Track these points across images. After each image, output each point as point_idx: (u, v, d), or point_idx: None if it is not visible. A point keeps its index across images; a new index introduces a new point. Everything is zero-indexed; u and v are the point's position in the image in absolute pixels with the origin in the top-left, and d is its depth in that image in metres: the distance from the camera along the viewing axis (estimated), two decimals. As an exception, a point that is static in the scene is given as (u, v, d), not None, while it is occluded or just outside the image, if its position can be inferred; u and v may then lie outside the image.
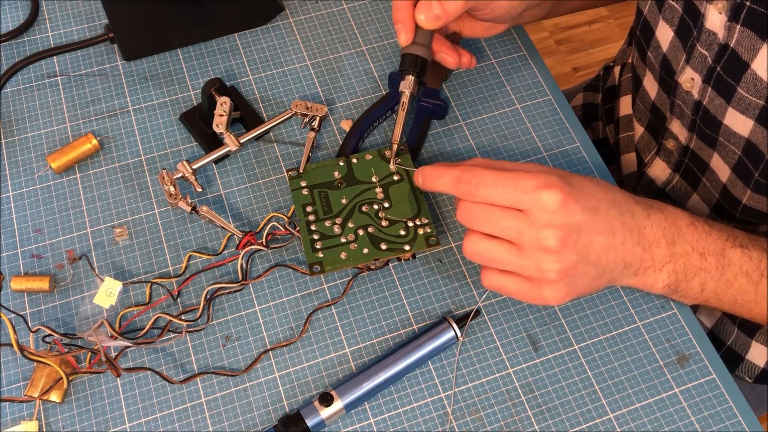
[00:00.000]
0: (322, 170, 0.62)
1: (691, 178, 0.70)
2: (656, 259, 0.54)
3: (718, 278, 0.55)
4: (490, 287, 0.54)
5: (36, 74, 0.70)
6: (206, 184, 0.65)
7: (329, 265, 0.58)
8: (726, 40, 0.56)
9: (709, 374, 0.57)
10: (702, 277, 0.55)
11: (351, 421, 0.55)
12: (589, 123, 0.89)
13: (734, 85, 0.57)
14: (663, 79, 0.67)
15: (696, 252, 0.54)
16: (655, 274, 0.54)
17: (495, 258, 0.51)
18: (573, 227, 0.50)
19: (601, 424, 0.55)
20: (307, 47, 0.73)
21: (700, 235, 0.55)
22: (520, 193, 0.49)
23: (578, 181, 0.52)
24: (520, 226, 0.50)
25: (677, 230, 0.54)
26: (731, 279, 0.55)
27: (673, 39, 0.63)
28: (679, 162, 0.70)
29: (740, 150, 0.60)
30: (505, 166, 0.52)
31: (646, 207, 0.54)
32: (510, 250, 0.51)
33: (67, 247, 0.61)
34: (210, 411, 0.55)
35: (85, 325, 0.58)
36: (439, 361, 0.57)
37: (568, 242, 0.50)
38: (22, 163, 0.65)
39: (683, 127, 0.67)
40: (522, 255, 0.50)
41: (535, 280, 0.51)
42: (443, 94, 0.70)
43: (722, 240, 0.55)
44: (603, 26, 1.80)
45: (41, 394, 0.54)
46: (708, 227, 0.55)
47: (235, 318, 0.59)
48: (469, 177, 0.51)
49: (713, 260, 0.54)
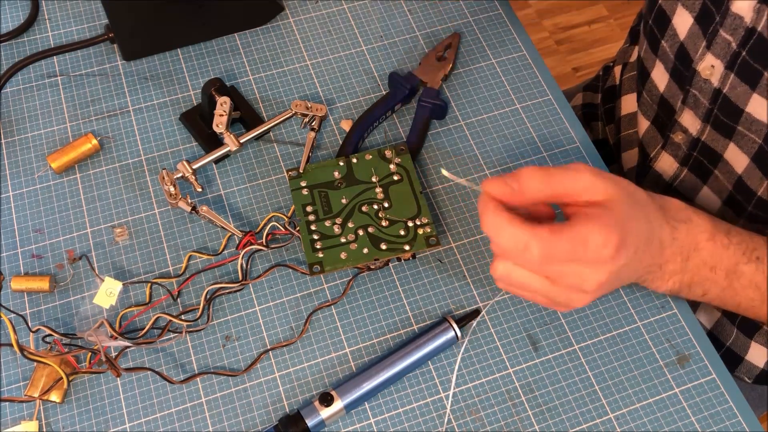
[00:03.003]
0: (322, 170, 0.62)
1: (701, 171, 0.69)
2: (666, 272, 0.54)
3: (725, 287, 0.55)
4: (505, 289, 0.54)
5: (36, 74, 0.70)
6: (206, 184, 0.65)
7: (329, 265, 0.58)
8: (754, 23, 0.55)
9: (709, 374, 0.57)
10: (707, 286, 0.55)
11: (351, 421, 0.55)
12: (589, 123, 0.89)
13: (761, 70, 0.56)
14: (676, 70, 0.66)
15: (707, 266, 0.54)
16: (662, 282, 0.55)
17: (527, 286, 0.50)
18: (614, 272, 0.49)
19: (601, 424, 0.55)
20: (307, 47, 0.73)
21: (716, 249, 0.54)
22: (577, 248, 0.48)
23: (627, 212, 0.50)
24: (566, 269, 0.49)
25: (695, 246, 0.54)
26: (738, 290, 0.55)
27: (692, 26, 0.62)
28: (688, 156, 0.69)
29: (761, 138, 0.59)
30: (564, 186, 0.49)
31: (673, 225, 0.53)
32: (544, 283, 0.50)
33: (67, 247, 0.61)
34: (210, 411, 0.55)
35: (85, 325, 0.58)
36: (439, 361, 0.57)
37: (605, 283, 0.50)
38: (22, 163, 0.65)
39: (696, 119, 0.66)
40: (555, 287, 0.50)
41: (557, 305, 0.52)
42: (443, 94, 0.70)
43: (738, 254, 0.55)
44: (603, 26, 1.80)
45: (41, 394, 0.54)
46: (727, 240, 0.55)
47: (235, 318, 0.59)
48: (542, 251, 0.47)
49: (722, 274, 0.55)
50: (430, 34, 0.73)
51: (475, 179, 0.65)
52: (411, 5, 0.75)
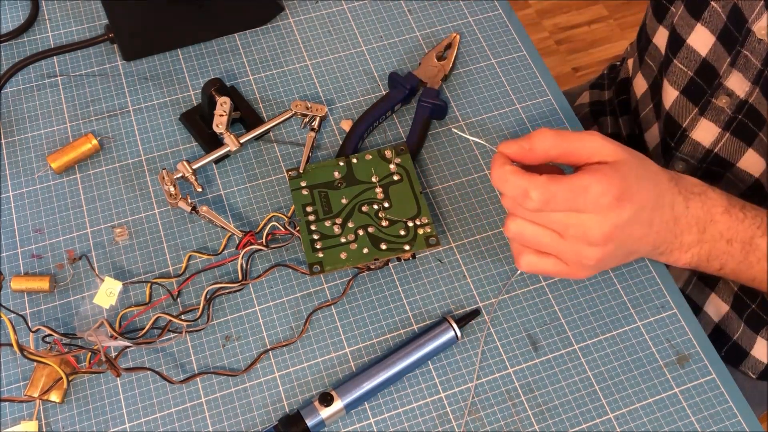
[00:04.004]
0: (322, 170, 0.62)
1: (746, 134, 0.69)
2: (684, 244, 0.55)
3: (740, 261, 0.56)
4: (528, 269, 0.55)
5: (36, 74, 0.70)
6: (206, 184, 0.65)
7: (329, 265, 0.58)
8: None
9: (709, 374, 0.57)
10: (724, 259, 0.56)
11: (351, 421, 0.55)
12: (597, 119, 0.89)
13: None
14: (726, 31, 0.65)
15: (724, 239, 0.56)
16: (680, 254, 0.56)
17: (537, 242, 0.53)
18: (619, 225, 0.51)
19: (601, 424, 0.55)
20: (307, 47, 0.73)
21: (732, 222, 0.56)
22: (582, 199, 0.50)
23: (634, 172, 0.52)
24: (569, 221, 0.51)
25: (711, 218, 0.55)
26: (754, 262, 0.56)
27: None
28: (731, 119, 0.69)
29: None
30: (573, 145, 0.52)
31: (686, 196, 0.55)
32: (553, 237, 0.52)
33: (67, 247, 0.61)
34: (210, 411, 0.55)
35: (85, 325, 0.58)
36: (439, 361, 0.57)
37: (611, 238, 0.51)
38: (22, 163, 0.65)
39: (745, 81, 0.65)
40: (564, 242, 0.52)
41: (572, 263, 0.53)
42: (443, 94, 0.70)
43: (754, 227, 0.56)
44: (603, 26, 1.80)
45: (41, 394, 0.54)
46: (742, 214, 0.56)
47: (235, 318, 0.59)
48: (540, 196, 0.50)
49: (739, 246, 0.56)
50: (430, 34, 0.74)
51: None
52: (411, 5, 0.75)
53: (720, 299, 0.76)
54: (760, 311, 0.72)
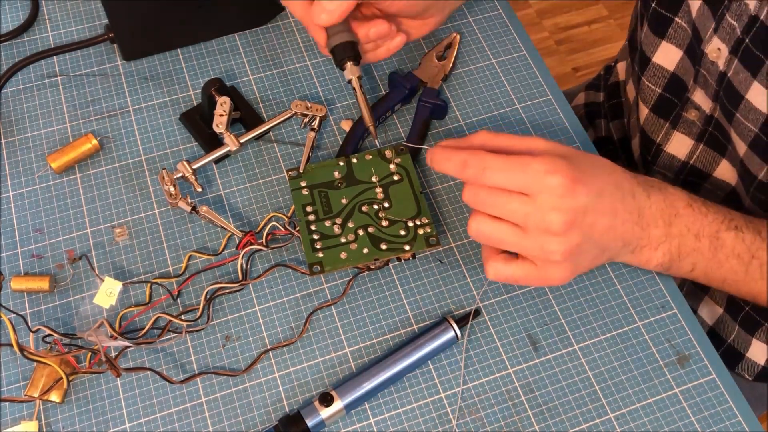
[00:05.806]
0: (322, 170, 0.62)
1: (718, 144, 0.69)
2: (653, 239, 0.55)
3: (710, 259, 0.56)
4: (496, 276, 0.54)
5: (36, 74, 0.70)
6: (206, 184, 0.65)
7: (329, 265, 0.58)
8: (757, 11, 0.56)
9: (709, 374, 0.57)
10: (694, 257, 0.56)
11: (351, 421, 0.55)
12: (592, 121, 0.89)
13: (762, 59, 0.56)
14: (692, 46, 0.65)
15: (691, 233, 0.55)
16: (650, 252, 0.55)
17: (499, 239, 0.52)
18: (578, 210, 0.51)
19: (601, 424, 0.55)
20: (307, 47, 0.73)
21: (696, 216, 0.56)
22: (527, 177, 0.50)
23: (584, 162, 0.53)
24: (527, 209, 0.51)
25: (675, 211, 0.55)
26: (722, 260, 0.56)
27: (701, 6, 0.62)
28: (703, 131, 0.69)
29: (757, 127, 0.60)
30: (511, 141, 0.53)
31: (646, 187, 0.55)
32: (515, 232, 0.52)
33: (67, 247, 0.61)
34: (210, 411, 0.55)
35: (85, 325, 0.58)
36: (439, 361, 0.57)
37: (573, 225, 0.51)
38: (22, 163, 0.65)
39: (707, 97, 0.66)
40: (526, 236, 0.51)
41: (540, 262, 0.52)
42: (443, 94, 0.70)
43: (717, 222, 0.56)
44: (603, 26, 1.80)
45: (41, 394, 0.54)
46: (705, 209, 0.56)
47: (235, 318, 0.59)
48: (475, 162, 0.51)
49: (707, 242, 0.56)
50: (430, 34, 0.73)
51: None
52: (411, 5, 0.75)
53: (714, 302, 0.75)
54: (755, 314, 0.72)
